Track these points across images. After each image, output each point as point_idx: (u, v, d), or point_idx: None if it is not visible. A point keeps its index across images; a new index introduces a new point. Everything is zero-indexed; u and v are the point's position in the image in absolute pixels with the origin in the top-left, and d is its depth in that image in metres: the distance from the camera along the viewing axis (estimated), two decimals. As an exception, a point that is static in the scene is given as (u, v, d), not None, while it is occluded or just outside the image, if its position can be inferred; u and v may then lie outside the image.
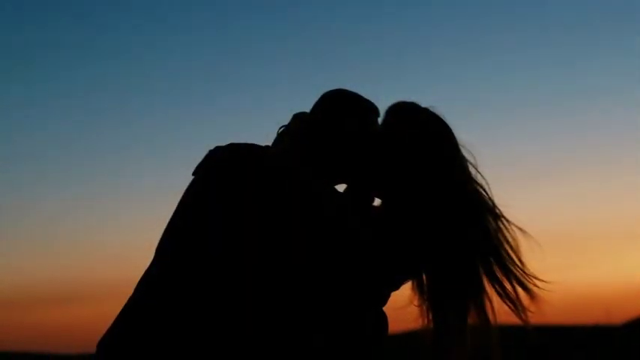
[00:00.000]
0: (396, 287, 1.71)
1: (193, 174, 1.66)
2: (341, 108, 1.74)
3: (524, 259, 1.72)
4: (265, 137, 1.75)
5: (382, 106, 1.80)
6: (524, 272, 1.71)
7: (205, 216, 1.58)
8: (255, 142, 1.70)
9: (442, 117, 1.77)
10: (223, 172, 1.60)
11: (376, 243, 1.61)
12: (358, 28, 10.97)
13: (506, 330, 1.75)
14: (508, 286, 1.69)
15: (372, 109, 1.77)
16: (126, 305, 1.61)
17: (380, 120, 1.79)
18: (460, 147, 1.76)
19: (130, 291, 1.63)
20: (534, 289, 1.71)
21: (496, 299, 1.70)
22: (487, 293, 1.69)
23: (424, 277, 1.75)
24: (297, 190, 1.59)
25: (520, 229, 1.73)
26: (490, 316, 1.69)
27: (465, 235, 1.66)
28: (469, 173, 1.74)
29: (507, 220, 1.72)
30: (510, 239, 1.71)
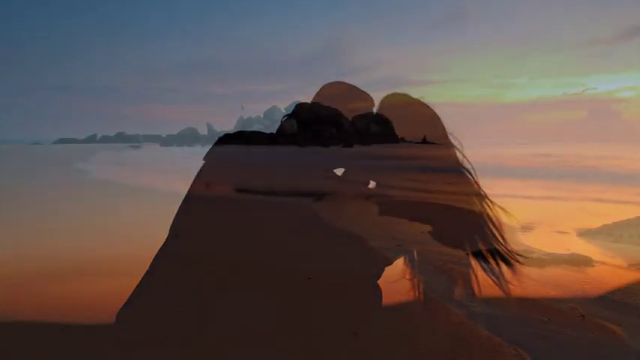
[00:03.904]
0: (389, 263, 1.84)
1: (204, 159, 1.76)
2: (339, 98, 1.85)
3: (506, 237, 1.85)
4: (270, 126, 1.86)
5: (377, 97, 1.92)
6: (507, 249, 1.83)
7: (206, 209, 1.66)
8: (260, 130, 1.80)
9: (431, 107, 1.89)
10: (226, 164, 1.69)
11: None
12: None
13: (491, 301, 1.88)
14: (492, 262, 1.82)
15: (368, 99, 1.89)
16: (141, 282, 1.71)
17: (375, 109, 1.90)
18: (448, 134, 1.87)
19: (146, 267, 1.73)
20: (516, 264, 1.84)
21: (481, 273, 1.83)
22: (473, 268, 1.82)
23: (415, 253, 1.87)
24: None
25: (503, 209, 1.86)
26: (476, 289, 1.81)
27: (453, 216, 1.78)
28: (456, 158, 1.86)
29: (491, 201, 1.85)
30: (494, 219, 1.84)
